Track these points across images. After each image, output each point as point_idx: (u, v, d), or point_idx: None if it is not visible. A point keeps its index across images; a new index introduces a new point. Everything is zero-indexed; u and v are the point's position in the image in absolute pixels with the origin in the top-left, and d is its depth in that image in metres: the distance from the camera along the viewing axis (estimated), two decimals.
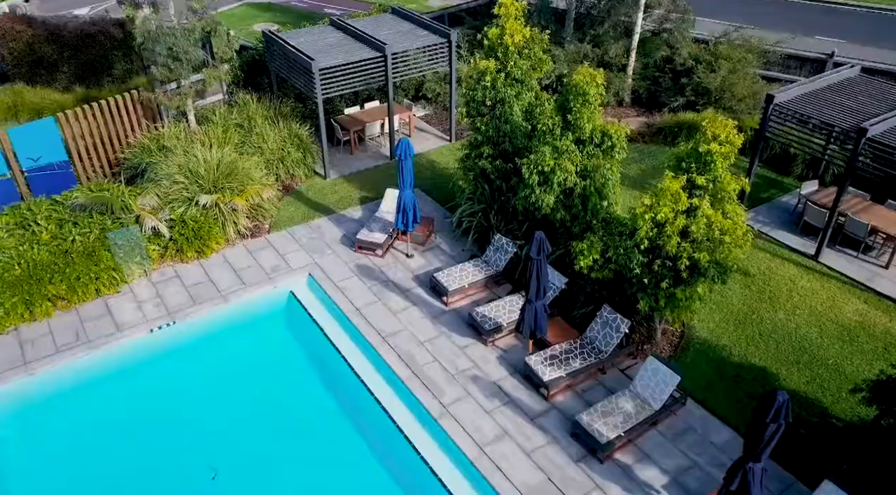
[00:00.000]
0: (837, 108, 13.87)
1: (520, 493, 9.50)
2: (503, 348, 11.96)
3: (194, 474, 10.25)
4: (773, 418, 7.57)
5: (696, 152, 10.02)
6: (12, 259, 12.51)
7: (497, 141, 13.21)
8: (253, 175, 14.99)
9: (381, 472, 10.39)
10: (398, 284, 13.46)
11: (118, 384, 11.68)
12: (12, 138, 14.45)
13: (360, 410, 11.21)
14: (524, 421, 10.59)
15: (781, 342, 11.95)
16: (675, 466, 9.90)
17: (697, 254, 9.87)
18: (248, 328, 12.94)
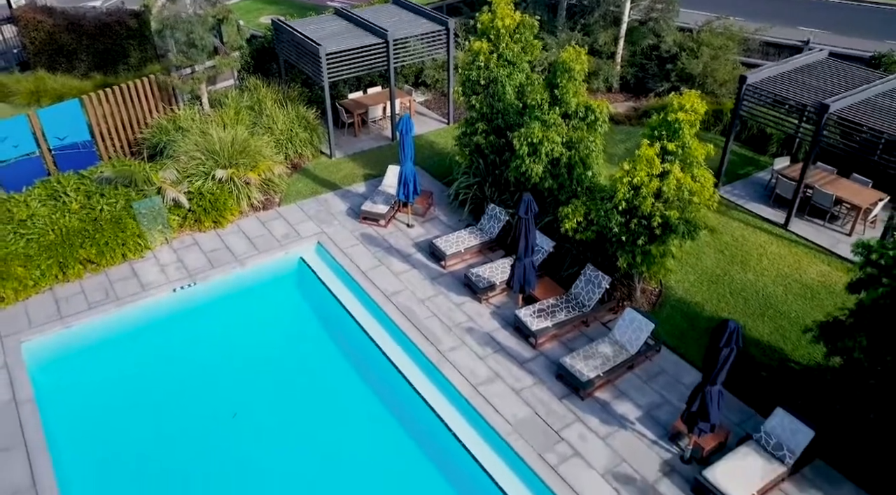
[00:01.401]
0: (805, 87, 15.01)
1: (509, 425, 10.66)
2: (496, 305, 13.12)
3: (217, 414, 11.39)
4: (726, 343, 8.73)
5: (667, 122, 11.17)
6: (46, 226, 13.64)
7: (491, 117, 14.35)
8: (264, 152, 16.14)
9: (384, 413, 11.52)
10: (400, 250, 14.61)
11: (145, 336, 12.85)
12: (41, 119, 15.59)
13: (365, 359, 12.37)
14: (514, 366, 11.75)
15: (749, 299, 13.11)
16: (648, 402, 11.06)
17: (668, 212, 11.02)
18: (261, 289, 14.11)
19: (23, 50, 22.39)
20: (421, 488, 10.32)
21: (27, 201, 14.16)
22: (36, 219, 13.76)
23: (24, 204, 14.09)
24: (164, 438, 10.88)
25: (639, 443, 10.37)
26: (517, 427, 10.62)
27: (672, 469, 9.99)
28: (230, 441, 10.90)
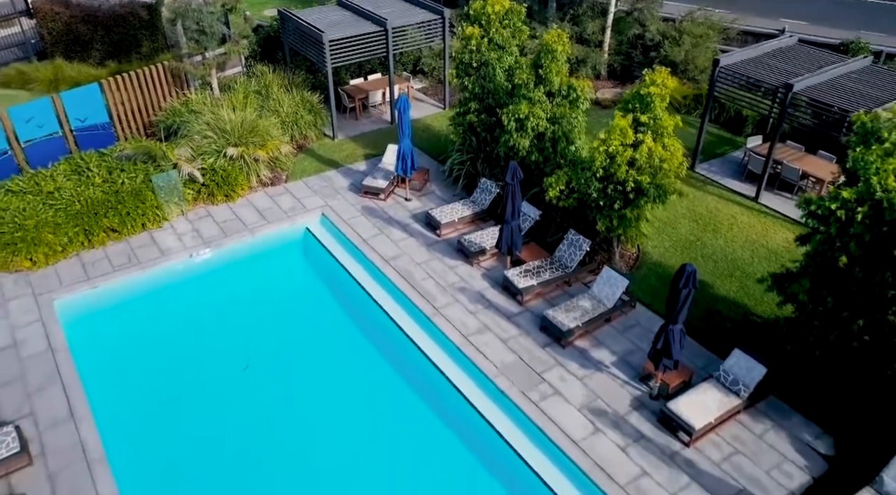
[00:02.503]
0: (774, 70, 16.17)
1: (496, 368, 11.83)
2: (486, 268, 14.29)
3: (230, 366, 12.55)
4: (684, 285, 9.90)
5: (639, 95, 12.33)
6: (72, 197, 14.79)
7: (482, 97, 15.51)
8: (271, 132, 17.31)
9: (382, 362, 12.67)
10: (398, 221, 15.78)
11: (164, 296, 14.02)
12: (64, 101, 16.74)
13: (365, 316, 13.54)
14: (502, 319, 12.92)
15: (719, 261, 14.28)
16: (622, 350, 12.23)
17: (640, 177, 12.18)
18: (270, 255, 15.28)
19: (40, 40, 23.52)
20: (416, 424, 11.46)
21: (53, 176, 15.32)
22: (62, 192, 14.92)
23: (51, 178, 15.24)
24: (182, 381, 12.07)
25: (612, 383, 11.55)
26: (503, 370, 11.79)
27: (641, 404, 11.16)
28: (243, 389, 12.06)
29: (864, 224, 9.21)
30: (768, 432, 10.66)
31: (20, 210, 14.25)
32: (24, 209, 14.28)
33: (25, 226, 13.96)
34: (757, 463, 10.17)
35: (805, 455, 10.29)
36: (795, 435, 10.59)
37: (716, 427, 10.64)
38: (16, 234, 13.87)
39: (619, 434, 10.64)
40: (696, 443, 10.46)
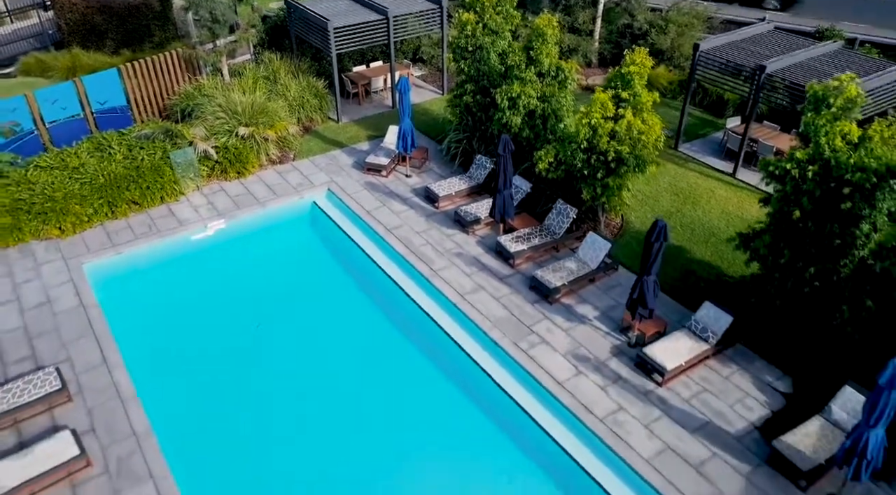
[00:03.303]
0: (750, 54, 17.29)
1: (489, 322, 12.97)
2: (481, 236, 15.42)
3: (243, 324, 13.67)
4: (656, 238, 11.04)
5: (620, 74, 13.46)
6: (96, 172, 15.90)
7: (477, 79, 16.62)
8: (280, 114, 18.44)
9: (383, 320, 13.81)
10: (399, 195, 16.91)
11: (183, 261, 15.17)
12: (85, 85, 17.85)
13: (369, 279, 14.67)
14: (495, 280, 14.05)
15: (696, 230, 15.41)
16: (604, 306, 13.36)
17: (620, 147, 13.30)
18: (279, 226, 16.42)
19: (57, 31, 24.66)
20: (416, 372, 12.59)
21: (77, 153, 16.43)
22: (87, 167, 16.02)
23: (75, 155, 16.34)
24: (200, 334, 13.22)
25: (595, 334, 12.69)
26: (496, 323, 12.93)
27: (620, 351, 12.30)
28: (256, 340, 13.21)
29: (814, 181, 10.34)
30: (734, 374, 11.80)
31: (49, 183, 15.37)
32: (53, 182, 15.39)
33: (54, 198, 15.09)
34: (722, 399, 11.31)
35: (766, 392, 11.43)
36: (758, 376, 11.73)
37: (686, 370, 11.78)
38: (46, 205, 15.00)
39: (600, 376, 11.78)
40: (669, 384, 11.59)
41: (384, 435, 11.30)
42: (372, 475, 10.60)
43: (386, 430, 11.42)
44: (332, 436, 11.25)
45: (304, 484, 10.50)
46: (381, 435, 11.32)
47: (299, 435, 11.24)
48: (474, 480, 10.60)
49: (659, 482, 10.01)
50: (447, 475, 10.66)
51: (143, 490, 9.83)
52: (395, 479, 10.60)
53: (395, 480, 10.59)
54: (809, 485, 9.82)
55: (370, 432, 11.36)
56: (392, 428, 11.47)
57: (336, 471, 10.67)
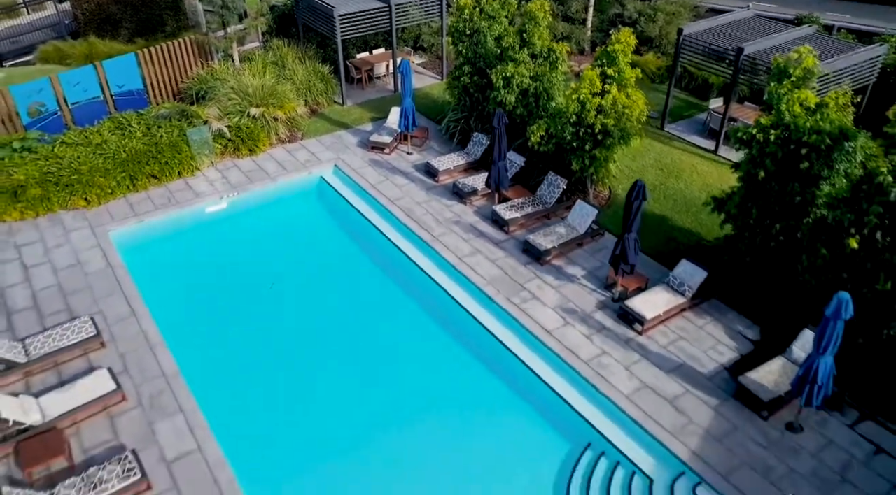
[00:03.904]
0: (730, 38, 18.40)
1: (485, 280, 14.10)
2: (478, 206, 16.55)
3: (256, 282, 14.80)
4: (636, 197, 12.16)
5: (606, 52, 14.57)
6: (118, 148, 17.01)
7: (475, 61, 17.73)
8: (288, 96, 19.56)
9: (387, 282, 14.92)
10: (401, 170, 18.04)
11: (200, 229, 16.32)
12: (105, 69, 18.97)
13: (373, 245, 15.80)
14: (490, 245, 15.18)
15: (678, 200, 16.54)
16: (591, 267, 14.49)
17: (606, 120, 14.42)
18: (289, 199, 17.56)
19: (73, 20, 25.78)
20: (419, 326, 13.71)
21: (100, 131, 17.55)
22: (109, 144, 17.14)
23: (98, 133, 17.46)
24: (218, 292, 14.37)
25: (582, 291, 13.82)
26: (491, 281, 14.06)
27: (605, 305, 13.42)
28: (269, 301, 14.35)
29: (776, 144, 11.46)
30: (708, 324, 12.93)
31: (75, 158, 16.48)
32: (79, 157, 16.51)
33: (80, 171, 16.21)
34: (696, 345, 12.44)
35: (736, 340, 12.56)
36: (729, 325, 12.87)
37: (664, 320, 12.91)
38: (72, 177, 16.10)
39: (585, 326, 12.91)
40: (648, 332, 12.72)
41: (389, 379, 12.44)
42: (380, 411, 11.74)
43: (390, 376, 12.54)
44: (341, 374, 12.43)
45: (314, 412, 11.65)
46: (386, 378, 12.45)
47: (308, 373, 12.44)
48: (473, 417, 11.71)
49: (637, 414, 11.14)
50: (449, 415, 11.77)
51: (174, 421, 10.95)
52: (400, 416, 11.72)
53: (400, 416, 11.71)
54: (770, 415, 10.95)
55: (376, 376, 12.50)
56: (395, 373, 12.60)
57: (346, 406, 11.81)
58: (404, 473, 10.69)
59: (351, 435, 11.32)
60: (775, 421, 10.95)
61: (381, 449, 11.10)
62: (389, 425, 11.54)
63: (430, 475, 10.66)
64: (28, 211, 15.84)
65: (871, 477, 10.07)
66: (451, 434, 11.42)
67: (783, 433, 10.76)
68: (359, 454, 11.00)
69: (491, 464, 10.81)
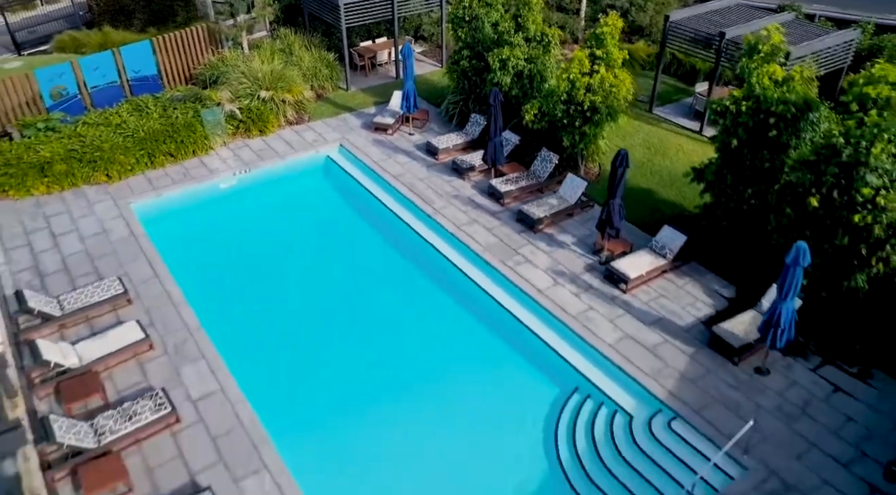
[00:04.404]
0: (714, 24, 19.44)
1: (482, 246, 15.16)
2: (475, 181, 17.61)
3: (268, 248, 15.87)
4: (620, 164, 13.23)
5: (595, 35, 15.63)
6: (137, 127, 18.08)
7: (473, 46, 18.79)
8: (296, 80, 20.62)
9: (390, 250, 16.00)
10: (403, 149, 19.10)
11: (215, 202, 17.40)
12: (123, 55, 20.02)
13: (377, 217, 16.87)
14: (487, 215, 16.25)
15: (664, 176, 17.60)
16: (581, 234, 15.55)
17: (594, 98, 15.47)
18: (297, 176, 18.64)
19: (88, 11, 26.83)
20: (422, 289, 14.78)
21: (118, 112, 18.64)
22: (128, 124, 18.21)
23: (117, 114, 18.55)
24: (232, 255, 15.50)
25: (571, 255, 14.88)
26: (487, 248, 15.13)
27: (592, 268, 14.49)
28: (279, 262, 15.44)
29: (747, 114, 12.52)
30: (687, 284, 14.00)
31: (97, 136, 17.56)
32: (100, 136, 17.59)
33: (102, 148, 17.27)
34: (676, 302, 13.51)
35: (713, 297, 13.63)
36: (707, 285, 13.94)
37: (647, 280, 13.97)
38: (95, 154, 17.17)
39: (574, 286, 13.98)
40: (631, 291, 13.79)
41: (392, 335, 13.52)
42: (387, 362, 12.83)
43: (394, 333, 13.62)
44: (347, 328, 13.53)
45: (322, 358, 12.77)
46: (390, 335, 13.53)
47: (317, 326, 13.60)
48: (473, 369, 12.76)
49: (620, 360, 12.21)
50: (450, 366, 12.85)
51: (197, 366, 12.03)
52: (405, 366, 12.80)
53: (405, 367, 12.79)
54: (741, 360, 12.02)
55: (383, 333, 13.58)
56: (399, 331, 13.68)
57: (351, 351, 12.91)
58: (410, 415, 11.77)
59: (357, 376, 12.45)
60: (745, 365, 12.02)
61: (386, 393, 12.17)
62: (394, 373, 12.63)
63: (433, 417, 11.74)
64: (54, 185, 16.91)
65: (828, 412, 11.14)
66: (452, 382, 12.48)
67: (752, 376, 11.84)
68: (365, 393, 12.10)
69: (489, 409, 11.87)
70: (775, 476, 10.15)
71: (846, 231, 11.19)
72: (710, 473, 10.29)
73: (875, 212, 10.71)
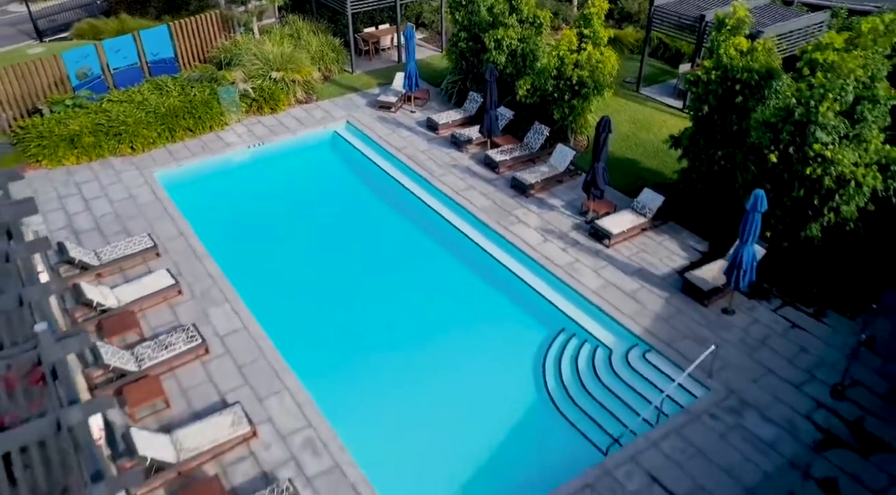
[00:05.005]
0: (695, 7, 20.80)
1: (478, 208, 16.54)
2: (472, 153, 18.99)
3: (280, 209, 17.25)
4: (603, 129, 14.59)
5: (583, 15, 16.99)
6: (158, 104, 19.47)
7: (470, 28, 20.15)
8: (305, 62, 21.99)
9: (394, 216, 17.37)
10: (405, 125, 20.47)
11: (231, 171, 18.79)
12: (142, 38, 21.39)
13: (381, 184, 18.25)
14: (483, 182, 17.62)
15: (647, 148, 18.97)
16: (569, 199, 16.92)
17: (581, 72, 16.83)
18: (307, 149, 20.02)
19: (105, 0, 28.19)
20: (423, 246, 16.16)
21: (140, 91, 20.04)
22: (149, 102, 19.61)
23: (139, 92, 19.96)
24: (248, 215, 16.92)
25: (560, 216, 16.26)
26: (483, 210, 16.50)
27: (579, 227, 15.86)
28: (289, 222, 16.83)
29: (716, 82, 13.88)
30: (665, 240, 15.37)
31: (122, 112, 18.95)
32: (124, 111, 18.98)
33: (127, 123, 18.66)
34: (654, 255, 14.88)
35: (687, 251, 15.00)
36: (684, 241, 15.31)
37: (629, 237, 15.34)
38: (120, 128, 18.56)
39: (562, 242, 15.36)
40: (614, 246, 15.15)
41: (399, 288, 14.89)
42: (393, 313, 14.22)
43: (400, 286, 14.99)
44: (354, 279, 14.91)
45: (332, 302, 14.15)
46: (396, 288, 14.90)
47: (327, 276, 14.96)
48: (471, 315, 14.15)
49: (601, 303, 13.58)
50: (450, 314, 14.22)
51: (222, 308, 13.41)
52: (410, 314, 14.18)
53: (411, 315, 14.17)
54: (710, 303, 13.38)
55: (390, 286, 14.95)
56: (404, 284, 15.05)
57: (361, 300, 14.29)
58: (414, 350, 13.15)
59: (364, 318, 13.86)
60: (713, 307, 13.40)
61: (392, 331, 13.57)
62: (399, 317, 14.02)
63: (435, 353, 13.12)
64: (83, 156, 18.29)
65: (785, 344, 12.52)
66: (452, 327, 13.84)
67: (719, 315, 13.22)
68: (371, 331, 13.49)
69: (486, 350, 13.21)
70: (734, 395, 11.53)
71: (801, 184, 12.55)
72: (677, 393, 11.68)
73: (825, 165, 12.07)
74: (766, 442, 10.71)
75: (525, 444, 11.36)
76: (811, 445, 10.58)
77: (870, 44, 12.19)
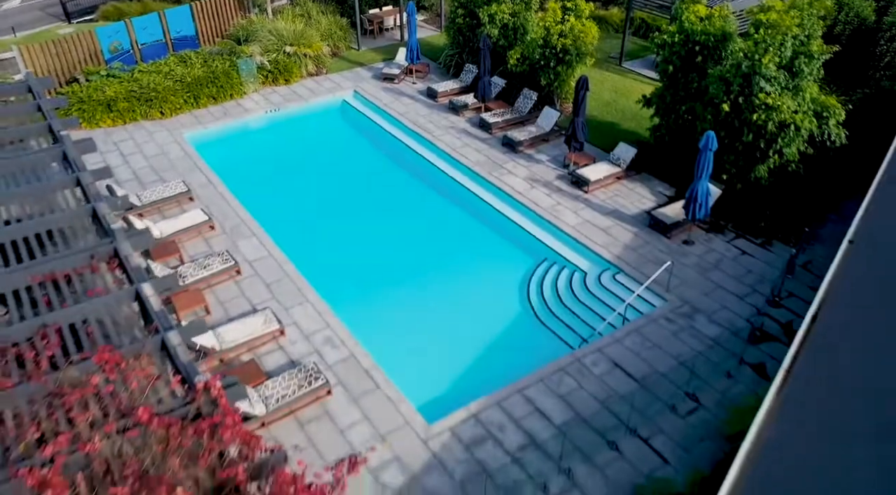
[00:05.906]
0: None
1: (472, 162, 18.60)
2: (468, 117, 21.04)
3: (293, 163, 19.32)
4: (582, 87, 16.63)
5: None
6: (184, 74, 21.51)
7: (466, 5, 22.17)
8: (315, 38, 24.03)
9: (397, 170, 19.43)
10: (407, 94, 22.52)
11: (250, 133, 20.85)
12: (167, 16, 23.44)
13: (387, 146, 20.31)
14: (477, 141, 19.68)
15: (626, 112, 21.01)
16: (554, 154, 18.98)
17: (565, 41, 18.86)
18: (319, 116, 22.08)
19: None
20: (424, 196, 18.22)
21: (167, 63, 22.09)
22: (175, 72, 21.66)
23: (166, 64, 22.01)
24: (266, 169, 18.98)
25: (545, 168, 18.32)
26: (476, 163, 18.56)
27: (562, 177, 17.91)
28: (308, 180, 18.90)
29: (680, 44, 15.91)
30: (637, 187, 17.43)
31: (151, 81, 21.00)
32: (154, 80, 21.04)
33: (157, 90, 20.72)
34: (626, 199, 16.93)
35: (656, 196, 17.06)
36: (654, 188, 17.37)
37: (605, 184, 17.39)
38: (151, 94, 20.62)
39: (546, 189, 17.41)
40: (592, 192, 17.21)
41: (404, 229, 16.96)
42: (399, 249, 16.28)
43: (404, 227, 17.06)
44: (363, 223, 16.96)
45: (346, 238, 16.21)
46: (401, 229, 16.97)
47: (339, 218, 17.01)
48: (467, 251, 16.23)
49: (579, 236, 15.64)
50: (449, 251, 16.30)
51: (250, 241, 15.47)
52: (414, 248, 16.25)
53: (415, 249, 16.24)
54: (672, 235, 15.44)
55: (397, 232, 17.01)
56: (408, 225, 17.11)
57: (371, 235, 16.37)
58: (418, 276, 15.22)
59: (375, 249, 15.93)
60: (676, 239, 15.46)
61: (399, 262, 15.64)
62: (405, 251, 16.09)
63: (436, 278, 15.19)
64: (118, 120, 20.35)
65: (734, 266, 14.59)
66: (451, 261, 15.92)
67: (680, 245, 15.28)
68: (381, 261, 15.57)
69: (479, 277, 15.28)
70: (687, 304, 13.61)
71: (749, 129, 14.59)
72: (639, 303, 13.75)
73: (769, 112, 14.11)
74: (711, 337, 12.79)
75: (510, 343, 13.45)
76: (747, 339, 12.65)
77: (805, 6, 14.20)
